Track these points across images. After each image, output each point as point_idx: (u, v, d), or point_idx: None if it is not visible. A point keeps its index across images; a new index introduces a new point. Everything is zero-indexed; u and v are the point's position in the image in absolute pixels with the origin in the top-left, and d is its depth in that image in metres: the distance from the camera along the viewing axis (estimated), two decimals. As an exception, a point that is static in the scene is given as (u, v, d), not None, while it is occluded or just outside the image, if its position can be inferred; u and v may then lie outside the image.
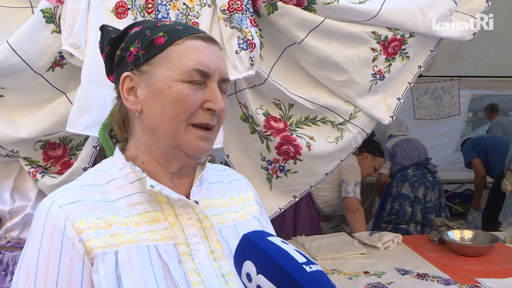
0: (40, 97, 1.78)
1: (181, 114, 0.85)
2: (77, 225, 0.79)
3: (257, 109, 2.02)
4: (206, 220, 0.88)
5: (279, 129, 2.05)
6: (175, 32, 0.88)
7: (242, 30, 1.72)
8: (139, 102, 0.89)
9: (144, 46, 0.88)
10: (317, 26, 1.83)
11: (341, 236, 2.77)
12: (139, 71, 0.89)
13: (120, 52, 0.91)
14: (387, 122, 2.08)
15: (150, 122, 0.88)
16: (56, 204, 0.81)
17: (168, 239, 0.85)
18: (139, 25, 0.93)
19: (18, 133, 1.74)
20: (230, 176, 1.07)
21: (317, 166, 2.13)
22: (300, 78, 2.05)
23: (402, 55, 1.99)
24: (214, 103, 0.87)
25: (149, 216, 0.86)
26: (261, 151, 2.13)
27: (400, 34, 1.94)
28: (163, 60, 0.87)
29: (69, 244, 0.78)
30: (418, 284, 2.08)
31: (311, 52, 1.90)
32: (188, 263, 0.84)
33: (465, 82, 5.66)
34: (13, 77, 1.66)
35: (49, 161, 1.92)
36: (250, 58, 1.74)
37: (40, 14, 1.61)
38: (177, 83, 0.85)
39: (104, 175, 0.90)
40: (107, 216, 0.83)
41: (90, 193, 0.85)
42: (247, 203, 1.04)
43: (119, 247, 0.80)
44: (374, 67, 1.97)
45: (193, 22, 1.77)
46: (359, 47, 1.93)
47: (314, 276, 0.60)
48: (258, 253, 0.65)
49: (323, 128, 2.09)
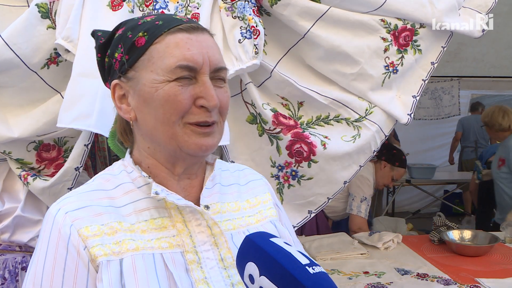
0: (34, 96, 1.75)
1: (172, 115, 0.80)
2: (82, 232, 0.78)
3: (264, 104, 1.86)
4: (216, 227, 0.84)
5: (290, 126, 1.86)
6: (155, 29, 0.82)
7: (245, 18, 1.66)
8: (131, 110, 0.85)
9: (127, 50, 0.83)
10: (323, 14, 1.74)
11: (341, 236, 2.77)
12: (126, 77, 0.84)
13: (108, 60, 0.87)
14: (405, 120, 1.93)
15: (146, 129, 0.84)
16: (63, 210, 0.80)
17: (175, 247, 0.82)
18: (122, 26, 0.87)
19: (11, 133, 1.71)
20: (248, 177, 1.02)
21: (334, 171, 1.91)
22: (307, 75, 1.93)
23: (414, 47, 1.92)
24: (206, 99, 0.80)
25: (156, 223, 0.83)
26: (270, 156, 1.93)
27: (410, 24, 1.87)
28: (146, 62, 0.81)
29: (74, 251, 0.77)
30: (418, 284, 2.08)
31: (319, 43, 1.80)
32: (196, 272, 0.81)
33: (465, 82, 5.67)
34: (6, 74, 1.63)
35: (43, 163, 1.88)
36: (255, 45, 1.65)
37: (36, 9, 1.58)
38: (163, 84, 0.79)
39: (112, 179, 0.87)
40: (112, 222, 0.80)
41: (98, 199, 0.83)
42: (264, 206, 0.98)
43: (123, 255, 0.78)
44: (386, 59, 1.88)
45: (194, 13, 1.70)
46: (369, 37, 1.84)
47: (317, 278, 0.60)
48: (260, 254, 0.64)
49: (338, 128, 1.93)
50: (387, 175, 3.28)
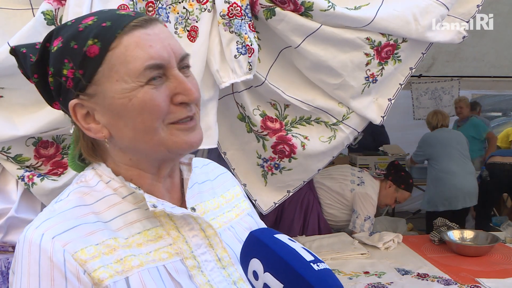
0: (39, 97, 1.73)
1: (154, 122, 0.73)
2: (78, 256, 0.70)
3: (254, 110, 2.07)
4: (210, 228, 0.82)
5: (275, 129, 2.12)
6: (106, 32, 0.72)
7: (241, 36, 1.76)
8: (103, 128, 0.76)
9: (79, 64, 0.72)
10: (313, 32, 1.86)
11: (341, 236, 2.77)
12: (86, 95, 0.74)
13: (53, 79, 0.76)
14: (378, 122, 2.14)
15: (125, 143, 0.77)
16: (48, 235, 0.70)
17: (174, 256, 0.78)
18: (58, 37, 0.76)
19: (16, 131, 1.72)
20: (215, 171, 0.99)
21: (310, 164, 2.20)
22: (296, 80, 2.10)
23: (394, 59, 2.05)
24: (185, 94, 0.74)
25: (150, 234, 0.78)
26: (257, 150, 2.20)
27: (393, 39, 1.98)
28: (107, 72, 0.72)
29: (74, 278, 0.69)
30: (419, 284, 2.08)
31: (307, 57, 1.94)
32: (199, 277, 0.79)
33: (465, 82, 5.67)
34: (13, 78, 1.64)
35: (40, 159, 1.87)
36: (249, 63, 1.77)
37: (41, 16, 1.60)
38: (135, 92, 0.72)
39: (91, 192, 0.79)
40: (107, 240, 0.74)
41: (82, 216, 0.74)
42: (238, 200, 0.98)
43: (128, 273, 0.73)
44: (367, 71, 2.03)
45: (193, 25, 1.79)
46: (353, 52, 1.97)
47: (322, 274, 0.60)
48: (265, 251, 0.64)
49: (317, 128, 2.16)
50: (391, 196, 3.20)
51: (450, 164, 4.09)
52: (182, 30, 1.79)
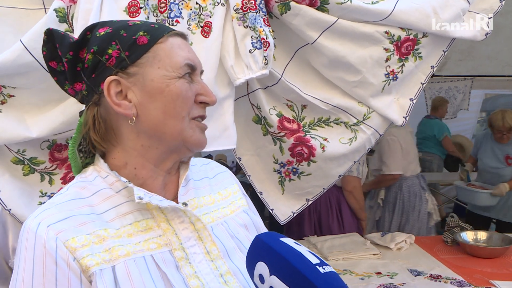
0: (52, 97, 1.76)
1: (183, 110, 0.85)
2: (69, 243, 0.76)
3: (271, 109, 2.00)
4: (199, 222, 0.87)
5: (293, 130, 2.03)
6: (155, 30, 0.86)
7: (256, 29, 1.72)
8: (133, 106, 0.84)
9: (127, 47, 0.84)
10: (330, 26, 1.81)
11: (353, 236, 2.76)
12: (126, 73, 0.84)
13: (93, 56, 0.84)
14: (400, 123, 2.06)
15: (149, 125, 0.85)
16: (44, 223, 0.77)
17: (163, 247, 0.83)
18: (103, 26, 0.87)
19: (29, 133, 1.73)
20: (215, 170, 1.05)
21: (330, 168, 2.10)
22: (313, 79, 2.04)
23: (415, 55, 1.99)
24: (207, 95, 0.89)
25: (141, 225, 0.84)
26: (273, 153, 2.11)
27: (413, 34, 1.93)
28: (151, 59, 0.84)
29: (64, 265, 0.75)
30: (431, 285, 2.06)
31: (324, 53, 1.89)
32: (186, 268, 0.83)
33: (478, 81, 5.60)
34: (25, 77, 1.66)
35: (55, 162, 1.89)
36: (264, 57, 1.72)
37: (54, 14, 1.61)
38: (174, 80, 0.84)
39: (88, 186, 0.86)
40: (98, 230, 0.80)
41: (78, 208, 0.81)
42: (235, 197, 1.02)
43: (115, 262, 0.78)
44: (387, 67, 1.97)
45: (206, 21, 1.76)
46: (372, 47, 1.91)
47: (327, 277, 0.60)
48: (271, 254, 0.64)
49: (337, 129, 2.08)
50: None
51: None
52: (196, 27, 1.76)
